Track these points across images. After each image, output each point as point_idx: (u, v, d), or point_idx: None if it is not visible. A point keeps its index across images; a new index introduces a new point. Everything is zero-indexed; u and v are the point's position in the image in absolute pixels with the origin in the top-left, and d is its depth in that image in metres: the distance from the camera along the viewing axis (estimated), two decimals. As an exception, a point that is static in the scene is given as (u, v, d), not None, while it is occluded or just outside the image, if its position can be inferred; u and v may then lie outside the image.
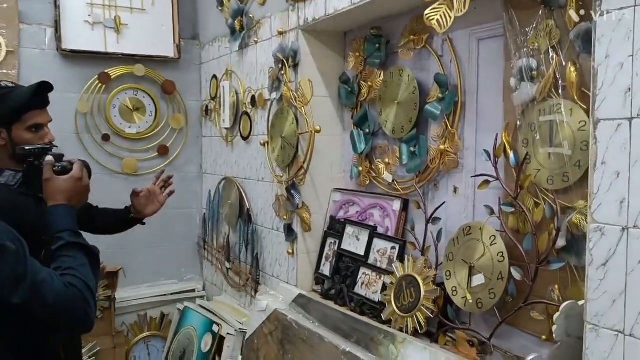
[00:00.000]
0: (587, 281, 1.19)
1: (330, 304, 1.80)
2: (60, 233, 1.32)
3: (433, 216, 1.82)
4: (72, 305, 1.21)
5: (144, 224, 2.13)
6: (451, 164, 1.79)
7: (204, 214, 3.35)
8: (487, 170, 1.64)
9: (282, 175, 2.44)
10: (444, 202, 1.82)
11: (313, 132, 2.16)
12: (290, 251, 2.37)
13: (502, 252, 1.53)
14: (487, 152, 1.62)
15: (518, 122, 1.55)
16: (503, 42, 1.61)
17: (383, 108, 2.08)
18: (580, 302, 1.26)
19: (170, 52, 3.25)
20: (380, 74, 2.12)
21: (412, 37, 1.93)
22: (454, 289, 1.67)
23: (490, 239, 1.58)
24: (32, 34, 2.93)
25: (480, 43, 1.73)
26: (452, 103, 1.77)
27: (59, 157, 1.47)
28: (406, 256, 1.87)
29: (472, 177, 1.73)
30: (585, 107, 1.36)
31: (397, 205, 2.06)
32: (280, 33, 2.38)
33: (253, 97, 2.66)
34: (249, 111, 2.73)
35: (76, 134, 3.03)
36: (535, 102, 1.49)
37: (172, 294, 3.28)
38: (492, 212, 1.60)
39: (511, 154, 1.55)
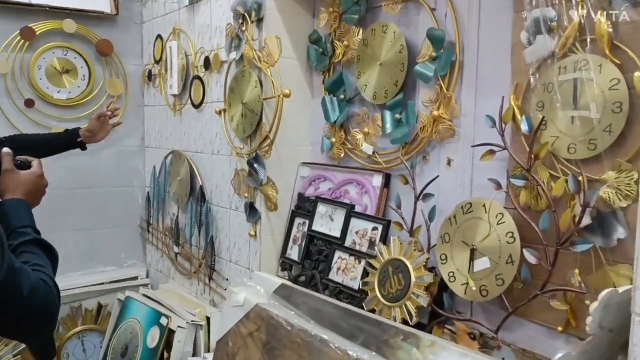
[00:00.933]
0: (638, 265, 1.00)
1: (322, 296, 1.52)
2: (23, 228, 1.22)
3: (424, 192, 1.60)
4: (44, 301, 1.08)
5: (86, 149, 2.18)
6: (445, 133, 1.57)
7: (147, 192, 2.99)
8: (488, 139, 1.43)
9: (242, 147, 2.14)
10: (437, 176, 1.59)
11: (281, 96, 1.88)
12: (253, 233, 2.09)
13: (512, 232, 1.33)
14: (490, 117, 1.41)
15: (532, 82, 1.34)
16: (512, -9, 1.40)
17: (362, 70, 1.83)
18: (621, 289, 1.08)
19: (106, 6, 2.84)
20: (359, 31, 1.86)
21: (398, -13, 1.68)
22: (451, 274, 1.46)
23: (496, 217, 1.37)
24: (-64, -24, 2.45)
25: (483, -7, 1.50)
26: (449, 62, 1.54)
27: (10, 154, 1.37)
28: (391, 238, 1.65)
29: (472, 146, 1.51)
30: (618, 62, 1.17)
31: (377, 180, 1.82)
32: (241, -17, 2.07)
33: (207, 59, 2.33)
34: (201, 75, 2.40)
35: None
36: (553, 58, 1.29)
37: (110, 282, 2.92)
38: (499, 186, 1.40)
39: (522, 120, 1.35)
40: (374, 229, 1.75)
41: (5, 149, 1.37)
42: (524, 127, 1.34)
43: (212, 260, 2.34)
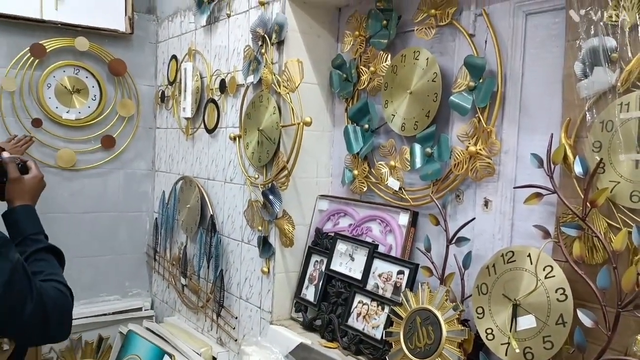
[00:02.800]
0: None
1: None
2: (34, 235, 1.29)
3: (457, 235, 1.44)
4: (66, 311, 1.17)
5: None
6: (483, 171, 1.42)
7: (156, 219, 2.85)
8: (532, 180, 1.29)
9: (256, 176, 2.00)
10: (473, 219, 1.44)
11: (301, 124, 1.74)
12: (266, 269, 1.94)
13: (564, 289, 1.17)
14: (537, 156, 1.26)
15: (587, 119, 1.19)
16: (563, 16, 1.26)
17: (389, 99, 1.69)
18: None
19: (120, 25, 2.74)
20: (387, 57, 1.73)
21: (432, 11, 1.55)
22: (489, 331, 1.30)
23: (544, 269, 1.21)
24: (-54, -10, 2.37)
25: (529, 18, 1.37)
26: (489, 94, 1.40)
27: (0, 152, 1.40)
28: (419, 284, 1.49)
29: (514, 188, 1.36)
30: (694, 101, 1.02)
31: (404, 218, 1.67)
32: (262, 3, 1.95)
33: (222, 82, 2.21)
34: (216, 98, 2.27)
35: (-1, 117, 2.47)
36: (614, 93, 1.14)
37: (113, 313, 2.76)
38: (546, 235, 1.24)
39: (575, 161, 1.19)
40: (400, 272, 1.59)
41: (8, 155, 1.38)
42: (577, 169, 1.19)
43: (221, 295, 2.18)
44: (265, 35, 1.91)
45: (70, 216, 2.70)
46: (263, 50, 1.93)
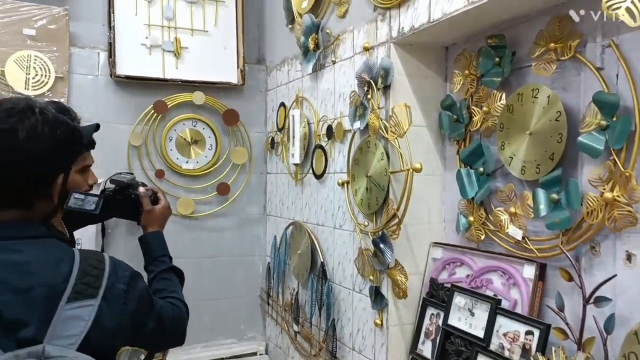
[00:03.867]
0: None
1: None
2: (162, 257, 1.50)
3: (595, 294, 1.27)
4: (180, 324, 1.33)
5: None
6: (623, 221, 1.24)
7: (268, 263, 2.90)
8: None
9: (366, 223, 1.95)
10: (615, 275, 1.26)
11: (411, 170, 1.67)
12: (379, 321, 1.86)
13: None
14: (692, 205, 1.07)
15: None
16: None
17: (506, 140, 1.57)
18: None
19: (233, 77, 2.88)
20: (501, 95, 1.62)
21: (552, 44, 1.43)
22: (642, 410, 1.11)
23: None
24: (84, 58, 2.63)
25: (671, 47, 1.20)
26: (626, 133, 1.23)
27: (138, 186, 1.63)
28: (552, 348, 1.32)
29: (664, 241, 1.18)
30: None
31: (529, 271, 1.52)
32: (366, 49, 1.93)
33: (329, 128, 2.21)
34: (323, 144, 2.28)
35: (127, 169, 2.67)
36: None
37: (230, 357, 2.82)
38: None
39: None
40: (529, 333, 1.43)
41: (144, 190, 1.61)
42: None
43: (333, 345, 2.13)
44: (371, 81, 1.88)
45: (191, 261, 2.82)
46: (369, 96, 1.90)
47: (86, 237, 2.45)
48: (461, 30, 1.71)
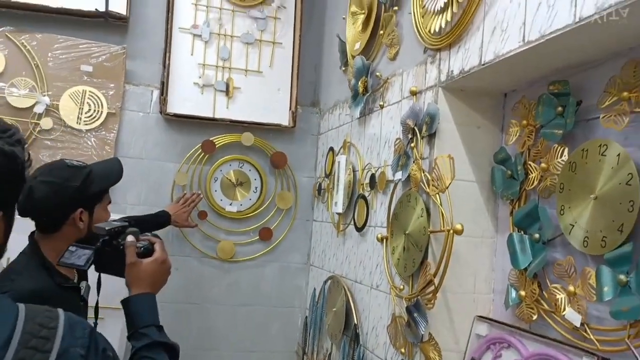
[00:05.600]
0: None
1: None
2: (144, 329, 1.23)
3: (673, 411, 0.97)
4: None
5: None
6: None
7: (306, 317, 2.71)
8: None
9: (402, 287, 1.73)
10: (700, 390, 0.97)
11: (451, 232, 1.45)
12: (408, 404, 1.61)
13: None
14: None
15: None
16: None
17: (566, 204, 1.32)
18: None
19: (284, 119, 2.79)
20: (562, 151, 1.38)
21: (625, 94, 1.19)
22: None
23: None
24: (137, 95, 2.66)
25: None
26: None
27: (136, 235, 1.37)
28: None
29: None
30: None
31: (589, 366, 1.23)
32: (413, 93, 1.76)
33: (372, 177, 2.04)
34: (366, 194, 2.10)
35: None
36: None
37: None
38: None
39: None
40: None
41: (130, 239, 1.34)
42: None
43: (360, 422, 1.88)
44: (415, 128, 1.70)
45: (226, 308, 2.70)
46: (413, 144, 1.71)
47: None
48: (519, 75, 1.50)
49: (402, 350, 1.66)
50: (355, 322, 2.04)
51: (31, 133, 2.44)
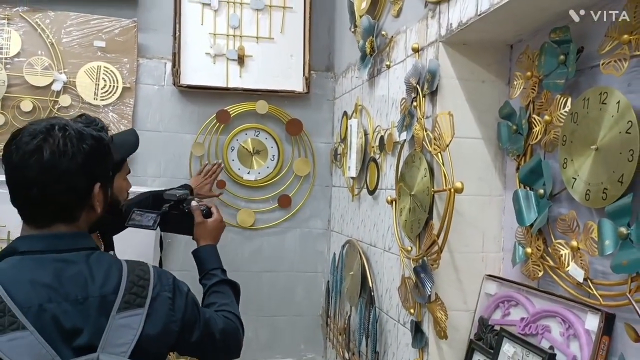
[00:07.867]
0: None
1: None
2: (214, 270, 1.52)
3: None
4: (232, 337, 1.34)
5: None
6: None
7: (328, 281, 2.73)
8: None
9: (409, 248, 1.72)
10: (697, 343, 0.93)
11: (452, 191, 1.42)
12: (418, 363, 1.62)
13: None
14: None
15: None
16: None
17: (569, 157, 1.27)
18: None
19: (298, 86, 2.77)
20: (565, 101, 1.32)
21: (625, 36, 1.12)
22: None
23: None
24: (151, 68, 2.67)
25: None
26: None
27: (191, 200, 1.70)
28: None
29: None
30: None
31: (592, 322, 1.20)
32: (415, 50, 1.71)
33: (382, 139, 2.01)
34: (376, 157, 2.07)
35: (188, 180, 2.65)
36: None
37: (286, 381, 2.69)
38: None
39: None
40: (584, 403, 1.12)
41: (195, 204, 1.67)
42: None
43: (376, 381, 1.91)
44: (418, 86, 1.66)
45: (250, 274, 2.75)
46: (415, 103, 1.67)
47: (143, 249, 2.45)
48: (520, 24, 1.43)
49: (412, 310, 1.66)
50: (370, 285, 2.04)
51: (51, 111, 2.50)
